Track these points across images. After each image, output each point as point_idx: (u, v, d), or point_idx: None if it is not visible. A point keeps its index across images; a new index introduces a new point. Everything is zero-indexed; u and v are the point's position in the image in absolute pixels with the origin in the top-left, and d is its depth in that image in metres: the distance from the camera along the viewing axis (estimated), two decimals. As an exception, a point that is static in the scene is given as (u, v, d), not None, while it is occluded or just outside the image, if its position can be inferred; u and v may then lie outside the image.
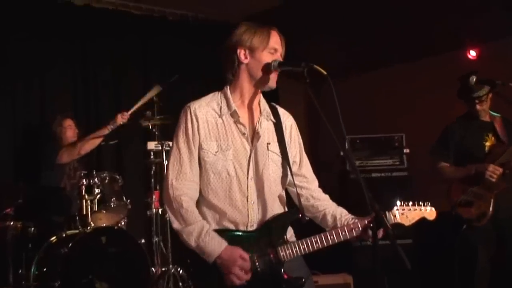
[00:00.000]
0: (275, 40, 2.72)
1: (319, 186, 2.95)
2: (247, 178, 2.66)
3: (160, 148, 5.59)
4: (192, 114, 2.67)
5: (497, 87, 3.93)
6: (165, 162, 5.47)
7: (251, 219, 2.66)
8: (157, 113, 5.71)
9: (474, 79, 4.14)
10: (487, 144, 4.49)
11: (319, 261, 3.49)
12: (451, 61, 6.99)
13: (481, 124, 4.57)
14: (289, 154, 2.80)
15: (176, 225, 2.64)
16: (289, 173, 2.78)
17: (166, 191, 2.66)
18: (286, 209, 2.84)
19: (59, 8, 6.40)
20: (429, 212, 2.89)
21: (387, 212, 2.75)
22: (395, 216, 2.79)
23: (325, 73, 2.53)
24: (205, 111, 2.69)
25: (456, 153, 4.64)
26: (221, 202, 2.66)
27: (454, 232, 4.92)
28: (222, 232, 2.62)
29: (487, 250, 4.51)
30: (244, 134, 2.70)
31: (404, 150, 6.86)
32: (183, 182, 2.64)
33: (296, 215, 2.77)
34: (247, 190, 2.66)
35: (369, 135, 6.88)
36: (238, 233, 2.66)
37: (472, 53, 6.86)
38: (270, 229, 2.68)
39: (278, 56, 2.72)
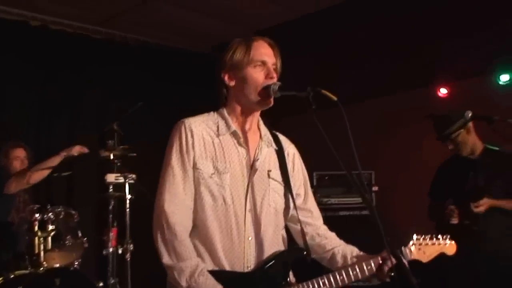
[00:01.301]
0: (261, 52, 2.45)
1: None
2: (245, 209, 2.37)
3: (122, 180, 5.16)
4: (187, 129, 2.40)
5: (494, 122, 3.77)
6: (128, 196, 5.07)
7: (248, 259, 2.35)
8: (118, 143, 5.30)
9: (470, 114, 3.98)
10: (469, 184, 4.33)
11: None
12: (421, 98, 6.94)
13: (466, 163, 4.40)
14: (292, 185, 2.54)
15: (166, 259, 2.29)
16: (291, 205, 2.52)
17: (158, 218, 2.33)
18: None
19: (13, 27, 6.04)
20: (448, 246, 2.68)
21: (402, 248, 2.53)
22: (411, 251, 2.55)
23: (335, 98, 2.29)
24: (201, 127, 2.43)
25: (450, 194, 4.46)
26: (216, 233, 2.34)
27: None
28: (216, 274, 2.30)
29: None
30: (245, 158, 2.44)
31: (373, 188, 6.69)
32: (177, 207, 2.33)
33: (299, 253, 2.50)
34: (244, 224, 2.36)
35: (338, 171, 6.68)
36: (234, 275, 2.33)
37: (443, 91, 6.82)
38: (271, 270, 2.38)
39: (268, 68, 2.45)
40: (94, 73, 6.75)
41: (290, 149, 2.65)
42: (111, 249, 5.15)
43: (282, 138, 2.65)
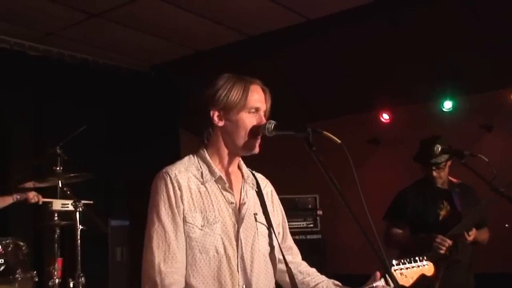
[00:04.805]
0: (256, 98, 2.41)
1: None
2: (237, 256, 2.33)
3: (69, 208, 5.02)
4: (174, 181, 2.32)
5: (465, 158, 3.90)
6: (80, 227, 4.92)
7: None
8: (65, 169, 5.15)
9: (440, 149, 4.09)
10: (442, 213, 4.42)
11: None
12: (364, 122, 7.18)
13: (437, 191, 4.48)
14: (274, 225, 2.52)
15: None
16: (276, 247, 2.50)
17: (151, 279, 2.25)
18: None
19: None
20: (427, 268, 2.74)
21: (386, 276, 2.44)
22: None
23: (338, 141, 2.28)
24: (186, 177, 2.36)
25: (410, 220, 4.55)
26: (208, 287, 2.30)
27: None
28: None
29: None
30: (232, 203, 2.39)
31: (318, 212, 6.84)
32: (173, 265, 2.26)
33: None
34: (238, 272, 2.32)
35: (284, 195, 6.76)
36: None
37: (385, 116, 7.07)
38: None
39: (261, 116, 2.42)
40: (30, 92, 6.57)
41: (268, 187, 2.63)
42: (57, 281, 5.00)
43: (258, 176, 2.63)
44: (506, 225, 3.96)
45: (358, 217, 2.26)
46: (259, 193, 2.54)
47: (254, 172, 2.63)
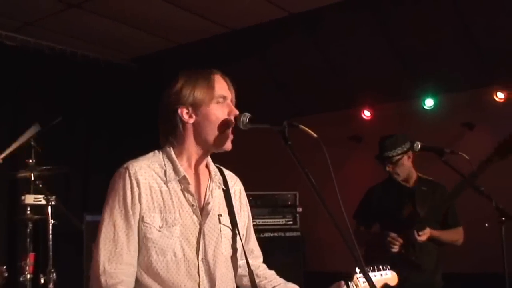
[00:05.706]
0: (221, 86, 2.33)
1: None
2: (198, 259, 2.24)
3: (42, 202, 4.86)
4: (132, 178, 2.21)
5: (444, 155, 3.81)
6: (52, 221, 4.76)
7: None
8: (38, 162, 4.98)
9: (419, 146, 4.00)
10: (404, 212, 4.33)
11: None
12: (345, 119, 7.08)
13: (401, 190, 4.42)
14: (240, 227, 2.42)
15: None
16: (240, 250, 2.41)
17: (96, 279, 2.16)
18: None
19: None
20: (390, 277, 2.68)
21: (349, 283, 2.44)
22: (357, 285, 2.48)
23: (315, 135, 2.19)
24: (148, 174, 2.25)
25: (377, 219, 4.51)
26: None
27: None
28: None
29: None
30: (192, 205, 2.28)
31: (298, 209, 6.72)
32: (118, 266, 2.16)
33: None
34: (198, 275, 2.23)
35: (262, 192, 6.65)
36: None
37: (367, 113, 6.97)
38: None
39: (229, 104, 2.35)
40: (7, 82, 6.38)
41: (236, 186, 2.54)
42: (28, 276, 4.84)
43: (227, 173, 2.54)
44: (486, 225, 3.89)
45: (336, 214, 2.17)
46: (226, 191, 2.45)
47: (223, 169, 2.53)
